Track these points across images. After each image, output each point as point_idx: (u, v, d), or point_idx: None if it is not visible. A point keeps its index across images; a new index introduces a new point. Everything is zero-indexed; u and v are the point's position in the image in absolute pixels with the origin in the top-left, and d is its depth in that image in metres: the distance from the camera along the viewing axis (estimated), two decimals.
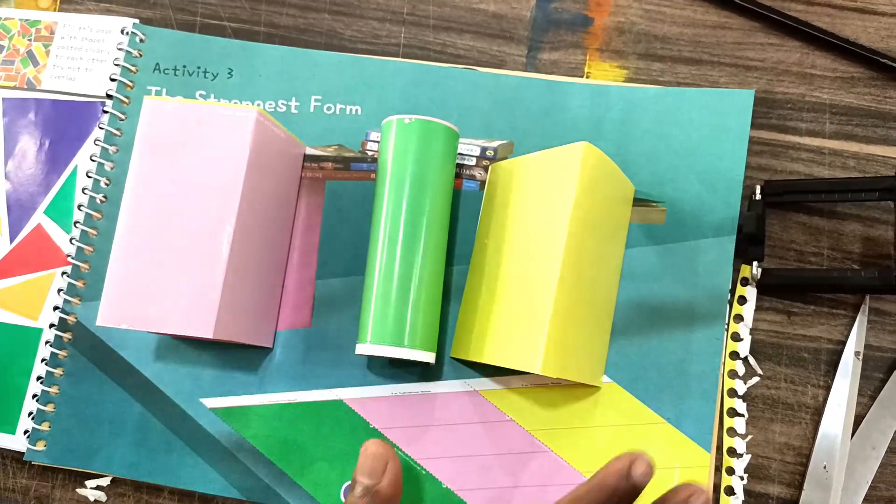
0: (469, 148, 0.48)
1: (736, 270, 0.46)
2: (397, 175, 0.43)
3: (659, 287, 0.45)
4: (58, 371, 0.48)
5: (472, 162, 0.48)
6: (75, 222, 0.50)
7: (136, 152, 0.43)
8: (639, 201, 0.46)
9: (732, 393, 0.44)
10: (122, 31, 0.52)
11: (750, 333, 0.45)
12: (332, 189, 0.49)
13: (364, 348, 0.42)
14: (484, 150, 0.48)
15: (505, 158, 0.48)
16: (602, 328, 0.44)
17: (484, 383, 0.45)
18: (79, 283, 0.49)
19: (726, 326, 0.45)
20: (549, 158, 0.42)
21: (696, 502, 0.31)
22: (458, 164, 0.48)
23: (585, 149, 0.40)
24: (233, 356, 0.47)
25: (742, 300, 0.45)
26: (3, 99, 0.53)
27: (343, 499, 0.45)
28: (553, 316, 0.38)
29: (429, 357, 0.43)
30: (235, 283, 0.43)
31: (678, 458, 0.43)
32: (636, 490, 0.32)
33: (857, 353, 0.44)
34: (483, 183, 0.48)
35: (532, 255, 0.41)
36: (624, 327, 0.45)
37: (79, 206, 0.50)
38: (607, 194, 0.42)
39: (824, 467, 0.43)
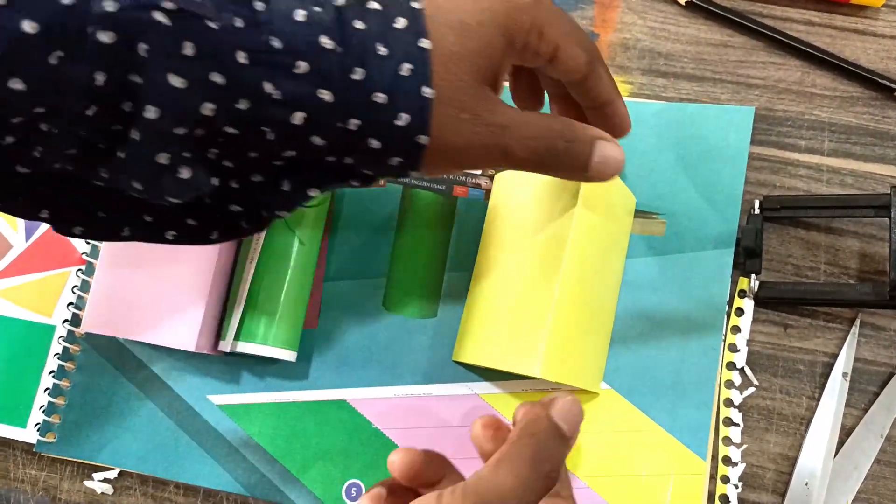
0: None
1: (734, 283, 0.47)
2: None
3: (658, 297, 0.46)
4: (69, 365, 0.49)
5: (478, 171, 0.49)
6: None
7: None
8: (639, 213, 0.47)
9: (728, 403, 0.45)
10: None
11: (747, 345, 0.46)
12: (344, 193, 0.50)
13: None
14: None
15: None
16: (601, 335, 0.45)
17: (485, 387, 0.46)
18: (92, 280, 0.50)
19: (724, 337, 0.46)
20: None
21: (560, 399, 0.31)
22: (464, 172, 0.49)
23: (581, 198, 0.41)
24: (240, 355, 0.48)
25: (739, 312, 0.46)
26: None
27: (344, 497, 0.46)
28: (554, 321, 0.39)
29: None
30: (214, 299, 0.45)
31: (674, 466, 0.44)
32: (563, 435, 0.30)
33: (844, 375, 0.45)
34: (488, 192, 0.49)
35: (535, 261, 0.42)
36: (623, 336, 0.46)
37: None
38: (609, 205, 0.43)
39: (805, 485, 0.43)
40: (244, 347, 0.45)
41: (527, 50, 0.33)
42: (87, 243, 0.51)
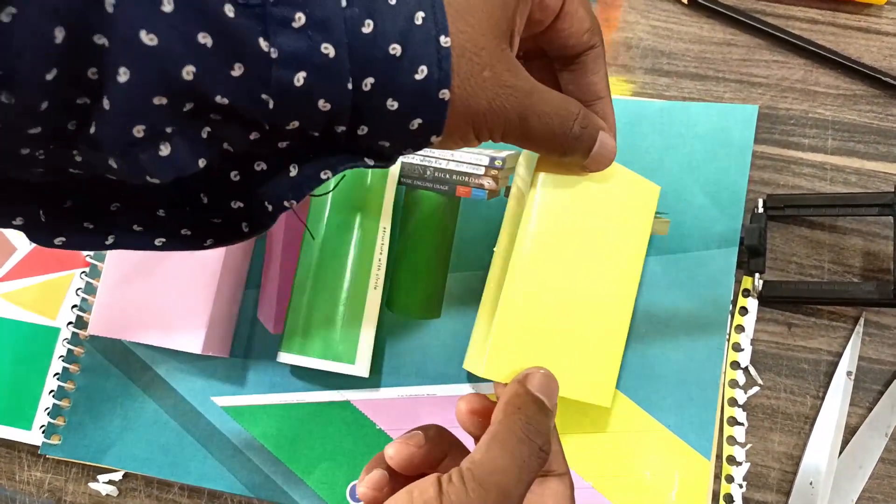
0: (478, 157, 0.49)
1: (738, 282, 0.46)
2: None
3: (662, 296, 0.46)
4: (74, 367, 0.49)
5: (481, 171, 0.49)
6: None
7: None
8: None
9: (733, 402, 0.45)
10: None
11: (751, 344, 0.46)
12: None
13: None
14: (492, 159, 0.49)
15: (513, 168, 0.49)
16: (606, 345, 0.41)
17: (489, 388, 0.46)
18: (96, 283, 0.50)
19: (728, 337, 0.45)
20: (524, 160, 0.41)
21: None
22: (466, 172, 0.49)
23: (541, 178, 0.37)
24: (243, 356, 0.48)
25: (743, 311, 0.46)
26: None
27: (348, 498, 0.46)
28: (500, 320, 0.37)
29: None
30: (221, 301, 0.45)
31: (678, 465, 0.44)
32: (546, 407, 0.31)
33: (848, 373, 0.45)
34: (491, 192, 0.49)
35: (504, 264, 0.40)
36: (627, 335, 0.46)
37: None
38: (582, 200, 0.39)
39: (810, 484, 0.43)
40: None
41: (536, 6, 0.31)
42: None
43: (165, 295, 0.44)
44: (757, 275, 0.46)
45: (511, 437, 0.29)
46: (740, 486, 0.44)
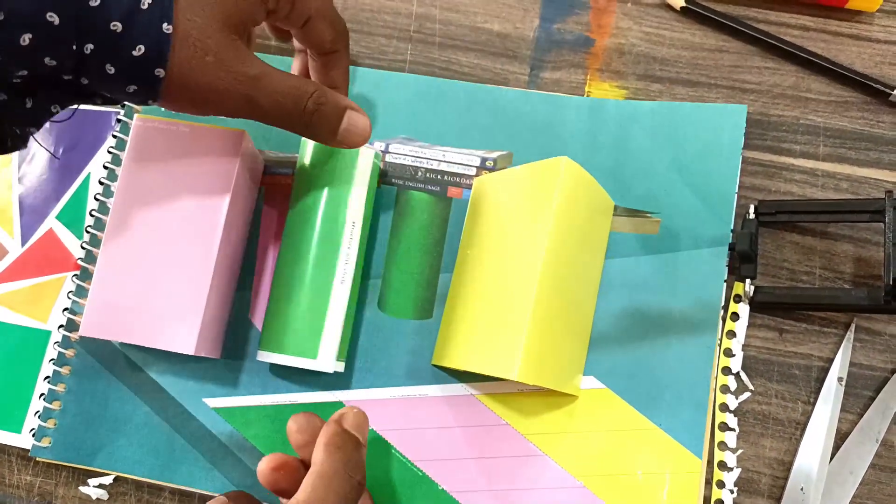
0: (469, 158, 0.50)
1: (729, 287, 0.47)
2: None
3: (653, 296, 0.46)
4: (64, 369, 0.49)
5: (473, 172, 0.49)
6: (87, 227, 0.51)
7: (124, 169, 0.45)
8: (634, 212, 0.47)
9: (724, 408, 0.45)
10: None
11: (742, 349, 0.46)
12: None
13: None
14: (484, 160, 0.49)
15: (504, 169, 0.49)
16: (580, 338, 0.45)
17: (480, 387, 0.46)
18: (87, 286, 0.50)
19: (719, 342, 0.46)
20: (530, 172, 0.43)
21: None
22: (457, 173, 0.49)
23: (566, 164, 0.41)
24: (235, 357, 0.48)
25: (735, 317, 0.46)
26: None
27: None
28: (531, 324, 0.39)
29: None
30: (213, 302, 0.45)
31: (670, 464, 0.44)
32: (360, 443, 0.36)
33: (839, 379, 0.45)
34: None
35: (512, 264, 0.42)
36: (618, 335, 0.46)
37: (90, 212, 0.51)
38: (585, 207, 0.43)
39: (801, 489, 0.43)
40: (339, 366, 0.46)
41: (278, 13, 0.37)
42: (83, 248, 0.51)
43: (157, 296, 0.44)
44: (748, 280, 0.46)
45: (334, 475, 0.33)
46: (731, 491, 0.44)
